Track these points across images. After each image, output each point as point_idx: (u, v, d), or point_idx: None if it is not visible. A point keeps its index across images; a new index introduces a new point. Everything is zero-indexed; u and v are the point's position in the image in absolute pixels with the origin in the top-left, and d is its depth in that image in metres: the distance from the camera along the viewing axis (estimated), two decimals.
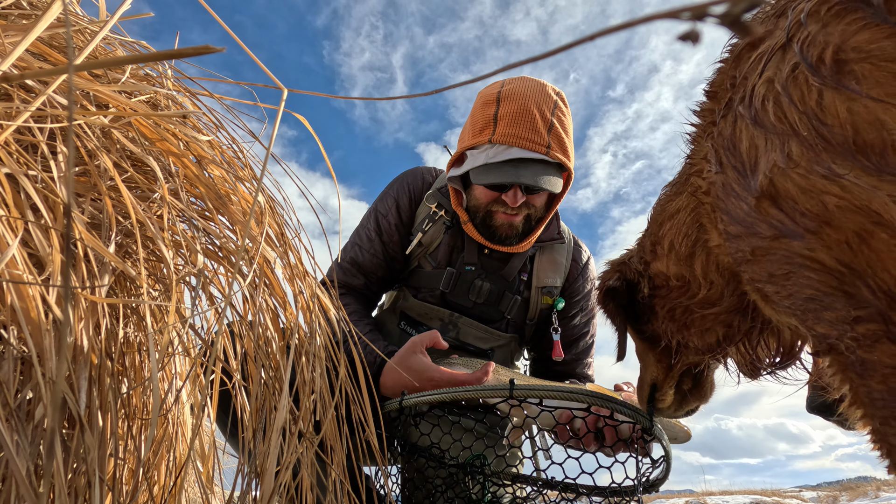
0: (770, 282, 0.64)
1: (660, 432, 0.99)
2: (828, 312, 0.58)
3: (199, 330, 0.71)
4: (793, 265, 0.61)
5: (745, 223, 0.65)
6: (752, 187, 0.63)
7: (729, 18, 0.15)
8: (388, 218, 1.59)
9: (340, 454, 0.76)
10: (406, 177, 1.66)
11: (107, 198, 0.55)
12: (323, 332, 0.75)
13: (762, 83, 0.62)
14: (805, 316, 0.61)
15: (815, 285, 0.59)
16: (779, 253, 0.62)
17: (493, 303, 1.54)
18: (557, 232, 1.63)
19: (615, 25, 0.17)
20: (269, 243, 0.72)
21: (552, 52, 0.20)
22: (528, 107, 1.37)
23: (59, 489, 0.44)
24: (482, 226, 1.49)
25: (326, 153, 0.74)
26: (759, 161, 0.62)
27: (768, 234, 0.62)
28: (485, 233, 1.49)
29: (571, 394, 1.00)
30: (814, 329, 0.61)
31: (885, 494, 8.28)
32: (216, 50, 0.31)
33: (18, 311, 0.45)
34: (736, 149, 0.66)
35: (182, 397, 0.71)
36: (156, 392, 0.50)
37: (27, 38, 0.38)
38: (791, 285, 0.62)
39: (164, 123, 0.62)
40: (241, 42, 0.54)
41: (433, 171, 1.69)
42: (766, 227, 0.62)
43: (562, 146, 1.39)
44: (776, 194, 0.60)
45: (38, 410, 0.48)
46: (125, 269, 0.55)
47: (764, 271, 0.65)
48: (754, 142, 0.63)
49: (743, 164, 0.65)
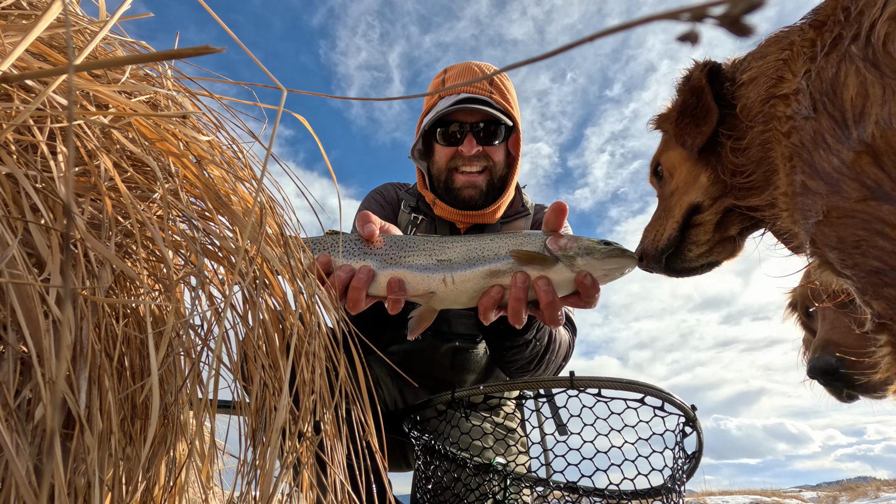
0: (837, 248, 0.58)
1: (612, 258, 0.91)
2: (889, 289, 0.54)
3: (199, 330, 0.71)
4: (869, 231, 0.54)
5: (829, 179, 0.58)
6: (850, 140, 0.56)
7: (728, 19, 0.15)
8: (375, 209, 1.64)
9: (340, 454, 0.76)
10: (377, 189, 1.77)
11: (107, 198, 0.55)
12: (322, 333, 0.75)
13: (885, 20, 0.54)
14: (864, 288, 0.57)
15: (885, 258, 0.53)
16: (859, 217, 0.55)
17: None
18: (522, 204, 1.69)
19: (615, 26, 0.17)
20: (269, 243, 0.72)
21: (552, 52, 0.20)
22: (471, 67, 1.53)
23: (59, 489, 0.44)
24: (446, 192, 1.54)
25: (324, 153, 0.74)
26: (867, 111, 0.55)
27: (855, 195, 0.55)
28: (449, 199, 1.54)
29: (629, 384, 1.06)
30: (870, 304, 0.56)
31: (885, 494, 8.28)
32: (216, 50, 0.31)
33: (18, 311, 0.45)
34: (837, 95, 0.59)
35: (182, 397, 0.71)
36: (156, 392, 0.49)
37: (27, 39, 0.38)
38: (858, 254, 0.56)
39: (163, 123, 0.62)
40: (241, 42, 0.54)
41: (401, 184, 1.79)
42: (856, 186, 0.55)
43: (504, 97, 1.49)
44: (882, 151, 0.53)
45: (38, 410, 0.48)
46: (125, 269, 0.55)
47: (834, 235, 0.58)
48: (865, 88, 0.56)
49: (843, 113, 0.57)
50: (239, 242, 0.68)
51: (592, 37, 0.18)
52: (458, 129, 1.46)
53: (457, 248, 0.94)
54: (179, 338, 0.66)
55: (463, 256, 0.93)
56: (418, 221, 1.60)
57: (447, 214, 1.56)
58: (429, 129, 1.51)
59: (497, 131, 1.48)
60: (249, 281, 0.67)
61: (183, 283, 0.69)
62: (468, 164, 1.49)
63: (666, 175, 1.08)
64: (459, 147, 1.47)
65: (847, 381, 1.23)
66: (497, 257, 0.91)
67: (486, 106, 1.43)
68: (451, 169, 1.51)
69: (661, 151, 1.12)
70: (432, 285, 0.92)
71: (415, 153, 1.59)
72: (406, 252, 0.95)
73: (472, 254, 0.93)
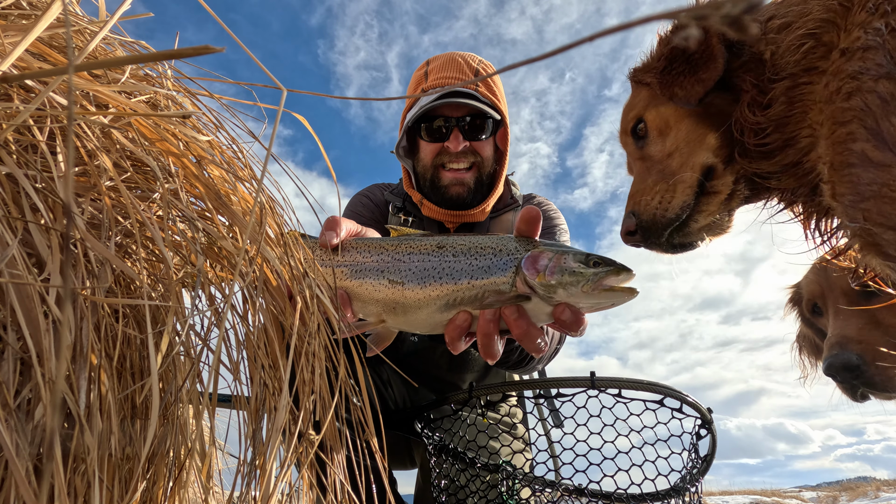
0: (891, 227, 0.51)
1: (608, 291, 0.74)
2: None
3: (199, 330, 0.71)
4: None
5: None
6: None
7: (727, 19, 0.15)
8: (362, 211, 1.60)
9: (340, 454, 0.76)
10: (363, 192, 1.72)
11: (106, 198, 0.55)
12: (322, 333, 0.75)
13: None
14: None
15: None
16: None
17: None
18: (511, 197, 1.64)
19: (615, 26, 0.17)
20: (268, 243, 0.72)
21: (551, 52, 0.20)
22: (454, 58, 1.47)
23: (59, 489, 0.44)
24: (432, 190, 1.48)
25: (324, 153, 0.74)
26: None
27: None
28: (436, 198, 1.48)
29: (650, 385, 1.02)
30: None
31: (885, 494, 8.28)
32: (216, 50, 0.31)
33: (18, 311, 0.45)
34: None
35: (182, 397, 0.71)
36: (155, 392, 0.49)
37: (27, 39, 0.38)
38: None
39: (163, 123, 0.62)
40: (241, 42, 0.54)
41: (387, 185, 1.75)
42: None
43: (491, 90, 1.44)
44: None
45: (38, 410, 0.48)
46: (125, 269, 0.55)
47: (885, 212, 0.51)
48: None
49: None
50: (239, 242, 0.68)
51: (592, 37, 0.18)
52: (443, 124, 1.41)
53: (410, 266, 0.77)
54: (179, 338, 0.66)
55: (416, 278, 0.76)
56: (409, 224, 1.57)
57: (435, 214, 1.52)
58: (413, 125, 1.45)
59: (484, 125, 1.43)
60: (249, 281, 0.67)
61: (183, 283, 0.69)
62: (455, 161, 1.43)
63: (653, 134, 0.94)
64: (445, 143, 1.42)
65: (867, 379, 1.17)
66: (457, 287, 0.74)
67: (471, 100, 1.38)
68: (438, 166, 1.46)
69: (645, 106, 0.96)
70: (382, 312, 0.79)
71: (399, 151, 1.54)
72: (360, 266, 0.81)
73: (427, 276, 0.76)
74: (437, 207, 1.50)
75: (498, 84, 1.49)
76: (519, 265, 0.72)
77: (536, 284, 0.71)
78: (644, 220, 0.90)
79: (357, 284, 0.79)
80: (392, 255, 0.79)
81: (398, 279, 0.76)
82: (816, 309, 1.45)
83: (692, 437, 1.07)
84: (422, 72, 1.50)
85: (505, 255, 0.74)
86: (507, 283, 0.72)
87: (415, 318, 0.77)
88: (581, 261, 0.71)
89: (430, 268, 0.76)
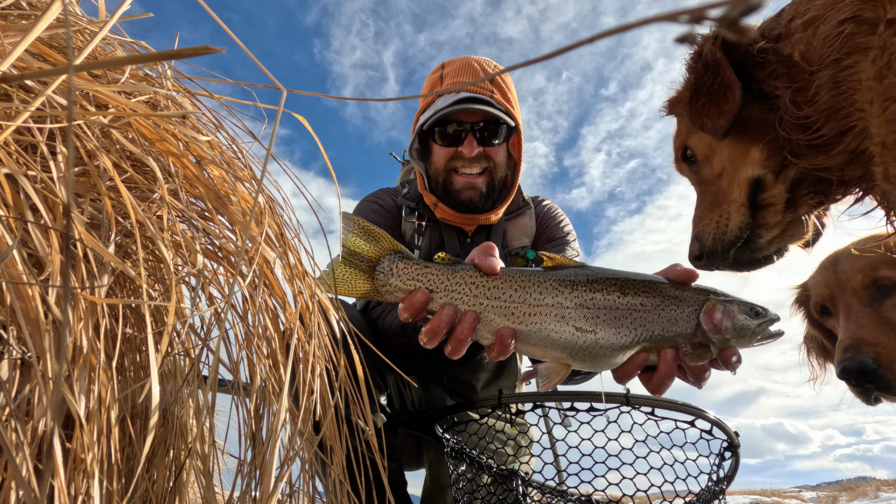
0: None
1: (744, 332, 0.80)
2: None
3: (199, 330, 0.71)
4: None
5: None
6: None
7: (726, 21, 0.15)
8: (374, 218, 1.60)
9: (340, 454, 0.76)
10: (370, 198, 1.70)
11: (106, 198, 0.55)
12: (322, 333, 0.75)
13: None
14: None
15: None
16: None
17: None
18: (522, 200, 1.67)
19: (613, 28, 0.17)
20: (268, 243, 0.72)
21: (550, 54, 0.20)
22: (470, 63, 1.49)
23: (59, 489, 0.44)
24: (444, 193, 1.50)
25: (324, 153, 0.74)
26: None
27: None
28: (449, 201, 1.50)
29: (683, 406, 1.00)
30: None
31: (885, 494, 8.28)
32: (216, 50, 0.31)
33: (18, 311, 0.45)
34: None
35: (182, 397, 0.71)
36: (155, 392, 0.50)
37: (27, 39, 0.38)
38: None
39: (163, 124, 0.62)
40: (240, 42, 0.54)
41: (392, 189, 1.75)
42: None
43: (505, 97, 1.46)
44: None
45: (38, 410, 0.48)
46: (125, 270, 0.55)
47: None
48: None
49: None
50: (239, 243, 0.68)
51: (591, 38, 0.18)
52: (458, 129, 1.43)
53: (602, 319, 0.78)
54: (179, 338, 0.66)
55: (611, 334, 0.77)
56: (423, 229, 1.56)
57: (449, 217, 1.53)
58: (426, 129, 1.48)
59: (498, 131, 1.45)
60: (249, 281, 0.67)
61: (183, 284, 0.69)
62: (468, 166, 1.46)
63: (701, 158, 0.94)
64: (459, 148, 1.44)
65: (883, 384, 1.13)
66: (651, 339, 0.77)
67: (487, 106, 1.40)
68: (450, 170, 1.48)
69: (687, 133, 0.97)
70: (568, 358, 0.79)
71: (412, 153, 1.55)
72: (533, 308, 0.79)
73: (622, 334, 0.77)
74: (450, 210, 1.51)
75: (512, 90, 1.50)
76: (698, 318, 0.78)
77: (715, 338, 0.77)
78: (706, 244, 0.91)
79: (534, 328, 0.79)
80: (573, 299, 0.79)
81: (588, 328, 0.78)
82: (825, 310, 1.42)
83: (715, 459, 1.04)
84: (436, 75, 1.51)
85: (686, 307, 0.79)
86: (692, 334, 0.78)
87: (600, 363, 0.79)
88: (747, 312, 0.78)
89: (623, 323, 0.78)
